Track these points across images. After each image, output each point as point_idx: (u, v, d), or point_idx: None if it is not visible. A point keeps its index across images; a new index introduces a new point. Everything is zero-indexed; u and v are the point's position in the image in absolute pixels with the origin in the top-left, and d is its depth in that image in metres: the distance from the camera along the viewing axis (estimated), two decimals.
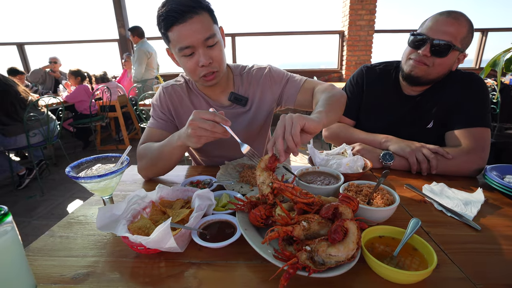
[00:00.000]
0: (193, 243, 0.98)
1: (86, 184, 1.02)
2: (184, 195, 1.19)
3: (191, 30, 1.31)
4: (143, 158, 1.51)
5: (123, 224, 0.96)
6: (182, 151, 1.41)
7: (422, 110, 1.74)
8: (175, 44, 1.37)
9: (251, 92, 1.73)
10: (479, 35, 8.08)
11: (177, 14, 1.29)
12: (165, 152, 1.41)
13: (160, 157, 1.43)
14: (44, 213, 3.91)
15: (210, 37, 1.36)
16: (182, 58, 1.41)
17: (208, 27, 1.35)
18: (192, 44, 1.34)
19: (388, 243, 0.91)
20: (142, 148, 1.54)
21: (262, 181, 1.07)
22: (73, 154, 6.42)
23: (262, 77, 1.74)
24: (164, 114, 1.66)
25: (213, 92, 1.69)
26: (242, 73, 1.76)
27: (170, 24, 1.32)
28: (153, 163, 1.47)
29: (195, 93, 1.70)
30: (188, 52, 1.37)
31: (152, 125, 1.65)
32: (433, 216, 1.15)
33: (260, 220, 0.98)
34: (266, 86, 1.74)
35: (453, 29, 1.51)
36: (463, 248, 0.96)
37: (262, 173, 1.10)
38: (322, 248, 0.78)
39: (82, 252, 0.99)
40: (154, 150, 1.46)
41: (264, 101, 1.75)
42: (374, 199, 1.10)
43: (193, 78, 1.52)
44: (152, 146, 1.49)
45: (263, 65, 1.80)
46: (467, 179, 1.49)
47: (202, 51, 1.37)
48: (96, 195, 1.38)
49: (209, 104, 1.69)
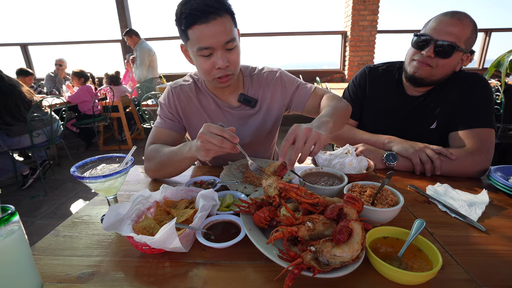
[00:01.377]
0: (198, 243, 0.98)
1: (91, 184, 1.02)
2: (188, 195, 1.19)
3: (213, 31, 1.30)
4: (151, 160, 1.51)
5: (128, 224, 0.96)
6: (191, 161, 1.42)
7: (425, 110, 1.74)
8: (194, 43, 1.35)
9: (260, 94, 1.73)
10: (483, 35, 8.06)
11: (201, 13, 1.27)
12: (175, 160, 1.41)
13: (169, 163, 1.44)
14: (48, 213, 3.93)
15: (230, 40, 1.36)
16: (199, 57, 1.40)
17: (229, 30, 1.34)
18: (212, 45, 1.34)
19: (393, 244, 0.91)
20: (150, 150, 1.54)
21: (269, 184, 1.07)
22: (76, 154, 6.44)
23: (273, 81, 1.73)
24: (171, 114, 1.66)
25: (223, 93, 1.68)
26: (252, 75, 1.75)
27: (192, 23, 1.30)
28: (161, 168, 1.48)
29: (204, 93, 1.69)
30: (207, 53, 1.36)
31: (159, 125, 1.65)
32: (437, 217, 1.15)
33: (265, 222, 0.98)
34: (277, 90, 1.73)
35: (457, 30, 1.51)
36: (468, 249, 0.96)
37: (269, 176, 1.11)
38: (327, 249, 0.78)
39: (87, 252, 1.00)
40: (163, 155, 1.45)
41: (273, 105, 1.75)
42: (378, 200, 1.10)
43: (207, 79, 1.51)
44: (161, 150, 1.48)
45: (274, 69, 1.80)
46: (471, 180, 1.48)
47: (221, 54, 1.37)
48: (100, 195, 1.38)
49: (217, 105, 1.69)
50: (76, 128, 6.45)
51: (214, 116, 1.70)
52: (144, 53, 6.57)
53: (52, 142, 4.64)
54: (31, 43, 8.89)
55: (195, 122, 1.70)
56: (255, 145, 1.79)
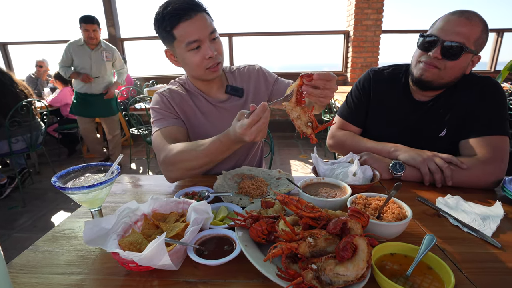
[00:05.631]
0: (189, 260, 0.97)
1: (73, 195, 1.01)
2: (179, 207, 1.18)
3: (197, 25, 1.52)
4: (184, 162, 1.46)
5: (113, 239, 0.95)
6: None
7: (434, 117, 1.74)
8: (182, 40, 1.54)
9: (245, 86, 1.91)
10: (494, 36, 8.13)
11: (184, 11, 1.49)
12: (223, 150, 1.41)
13: (215, 155, 1.43)
14: (26, 226, 3.89)
15: (213, 31, 1.58)
16: (188, 53, 1.58)
17: (210, 22, 1.58)
18: (199, 38, 1.53)
19: (401, 262, 0.90)
20: (176, 151, 1.47)
21: (297, 117, 1.14)
22: (58, 162, 6.41)
23: (254, 72, 1.97)
24: (171, 113, 1.72)
25: (211, 89, 1.83)
26: (233, 71, 1.97)
27: (177, 22, 1.50)
28: (204, 163, 1.46)
29: (194, 93, 1.82)
30: (195, 46, 1.55)
31: (163, 125, 1.65)
32: (448, 232, 1.15)
33: (262, 236, 0.97)
34: (260, 81, 1.95)
35: (466, 29, 1.51)
36: (482, 267, 0.95)
37: (295, 108, 1.16)
38: (329, 267, 0.78)
39: (68, 269, 0.98)
40: (203, 149, 1.42)
41: (259, 93, 1.93)
42: (384, 213, 1.10)
43: (198, 72, 1.66)
44: (194, 146, 1.46)
45: (253, 64, 2.03)
46: (484, 192, 1.48)
47: (208, 44, 1.57)
48: (84, 207, 1.37)
49: (208, 102, 1.82)
50: (58, 134, 6.42)
51: (208, 113, 1.82)
52: (118, 52, 5.60)
53: (32, 149, 4.61)
54: (11, 42, 8.86)
55: (192, 121, 1.79)
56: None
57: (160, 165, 1.54)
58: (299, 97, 1.16)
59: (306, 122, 1.15)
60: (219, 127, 1.56)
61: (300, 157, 6.23)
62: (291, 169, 5.62)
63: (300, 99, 1.16)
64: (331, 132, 2.04)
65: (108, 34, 8.21)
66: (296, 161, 6.02)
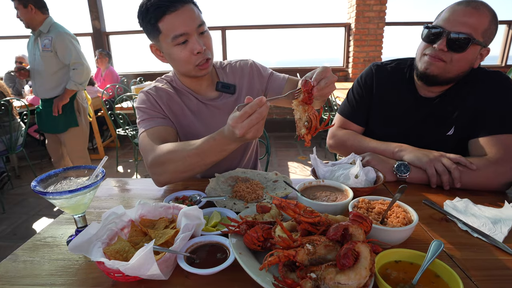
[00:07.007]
0: (179, 269, 0.96)
1: (55, 200, 1.00)
2: (168, 213, 1.18)
3: (184, 17, 1.49)
4: (171, 162, 1.44)
5: (98, 247, 0.95)
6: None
7: (441, 114, 1.75)
8: (167, 33, 1.51)
9: (237, 82, 1.90)
10: (505, 28, 8.14)
11: (169, 3, 1.46)
12: (217, 150, 1.37)
13: (208, 154, 1.39)
14: (6, 233, 3.87)
15: (201, 24, 1.55)
16: (175, 48, 1.54)
17: (198, 15, 1.55)
18: (186, 31, 1.50)
19: (406, 269, 0.90)
20: (163, 151, 1.46)
21: (299, 118, 1.15)
22: (39, 165, 6.39)
23: (247, 67, 1.94)
24: (158, 113, 1.69)
25: (200, 87, 1.82)
26: (224, 67, 1.94)
27: (162, 14, 1.47)
28: (193, 165, 1.42)
29: (182, 91, 1.80)
30: (182, 40, 1.52)
31: (150, 126, 1.62)
32: (457, 237, 1.15)
33: (257, 243, 0.97)
34: (253, 76, 1.93)
35: (473, 20, 1.52)
36: (493, 275, 0.96)
37: (298, 107, 1.17)
38: (329, 276, 0.77)
39: (50, 280, 0.98)
40: (191, 149, 1.39)
41: (253, 90, 1.91)
42: (388, 218, 1.10)
43: (186, 69, 1.63)
44: (183, 145, 1.44)
45: (245, 59, 2.01)
46: (494, 194, 1.49)
47: (196, 38, 1.54)
48: (67, 213, 1.36)
49: (198, 100, 1.80)
50: (40, 135, 6.39)
51: (199, 112, 1.81)
52: (68, 39, 4.02)
53: (11, 151, 4.59)
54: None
55: (181, 121, 1.77)
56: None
57: (148, 169, 1.52)
58: (306, 97, 1.14)
59: (304, 123, 1.14)
60: (211, 127, 1.56)
61: (298, 159, 6.25)
62: (289, 171, 5.63)
63: (307, 99, 1.14)
64: (331, 132, 2.04)
65: (92, 27, 8.20)
66: (294, 163, 6.03)
